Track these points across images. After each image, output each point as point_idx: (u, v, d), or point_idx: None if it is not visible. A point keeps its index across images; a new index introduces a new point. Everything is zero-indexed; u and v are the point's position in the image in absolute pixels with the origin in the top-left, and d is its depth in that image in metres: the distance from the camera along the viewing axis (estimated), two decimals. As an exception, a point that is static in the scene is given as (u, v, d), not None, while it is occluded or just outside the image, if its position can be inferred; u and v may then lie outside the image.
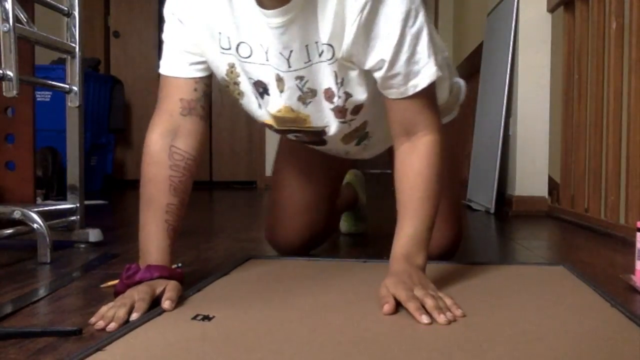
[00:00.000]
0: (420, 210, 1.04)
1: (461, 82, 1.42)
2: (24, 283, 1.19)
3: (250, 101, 1.16)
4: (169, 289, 0.96)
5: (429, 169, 1.05)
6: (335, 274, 1.21)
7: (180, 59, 1.10)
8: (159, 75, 1.13)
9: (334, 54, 1.03)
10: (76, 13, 1.65)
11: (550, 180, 2.74)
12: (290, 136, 1.27)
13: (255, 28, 1.05)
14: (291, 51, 1.05)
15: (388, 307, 0.91)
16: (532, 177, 2.67)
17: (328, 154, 1.38)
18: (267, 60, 1.07)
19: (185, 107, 1.09)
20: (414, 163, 1.06)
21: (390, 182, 1.12)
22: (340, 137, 1.23)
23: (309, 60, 1.06)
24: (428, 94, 1.06)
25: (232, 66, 1.11)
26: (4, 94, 1.35)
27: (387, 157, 1.40)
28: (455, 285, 1.11)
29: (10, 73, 1.33)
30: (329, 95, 1.11)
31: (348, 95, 1.11)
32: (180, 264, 1.29)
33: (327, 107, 1.13)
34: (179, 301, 0.96)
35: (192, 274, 1.23)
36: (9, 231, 1.46)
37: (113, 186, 4.28)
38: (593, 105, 2.20)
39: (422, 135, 1.06)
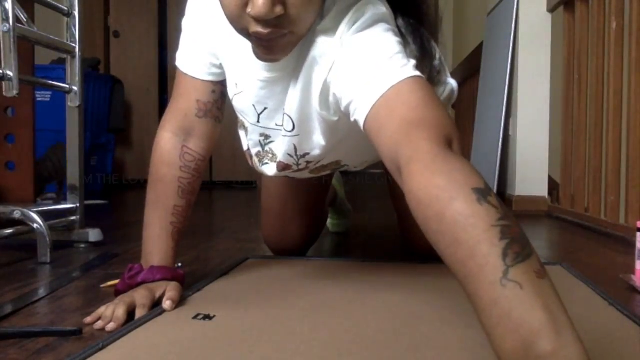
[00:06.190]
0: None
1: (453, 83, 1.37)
2: (24, 283, 1.19)
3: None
4: (170, 289, 0.96)
5: None
6: (334, 273, 1.21)
7: (200, 60, 1.05)
8: (159, 75, 1.12)
9: (293, 127, 1.01)
10: (76, 13, 1.65)
11: (550, 180, 2.74)
12: None
13: (246, 69, 1.00)
14: (265, 108, 1.02)
15: None
16: (532, 177, 2.67)
17: None
18: (242, 102, 1.05)
19: (202, 109, 1.06)
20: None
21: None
22: (306, 175, 1.20)
23: (282, 126, 1.02)
24: None
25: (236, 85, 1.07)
26: (4, 94, 1.35)
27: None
28: (455, 285, 1.11)
29: (10, 73, 1.33)
30: (282, 167, 1.12)
31: (309, 162, 1.09)
32: (180, 264, 1.29)
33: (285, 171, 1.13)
34: (180, 301, 0.96)
35: (192, 274, 1.23)
36: (9, 231, 1.46)
37: (113, 186, 4.27)
38: (593, 105, 2.20)
39: None
